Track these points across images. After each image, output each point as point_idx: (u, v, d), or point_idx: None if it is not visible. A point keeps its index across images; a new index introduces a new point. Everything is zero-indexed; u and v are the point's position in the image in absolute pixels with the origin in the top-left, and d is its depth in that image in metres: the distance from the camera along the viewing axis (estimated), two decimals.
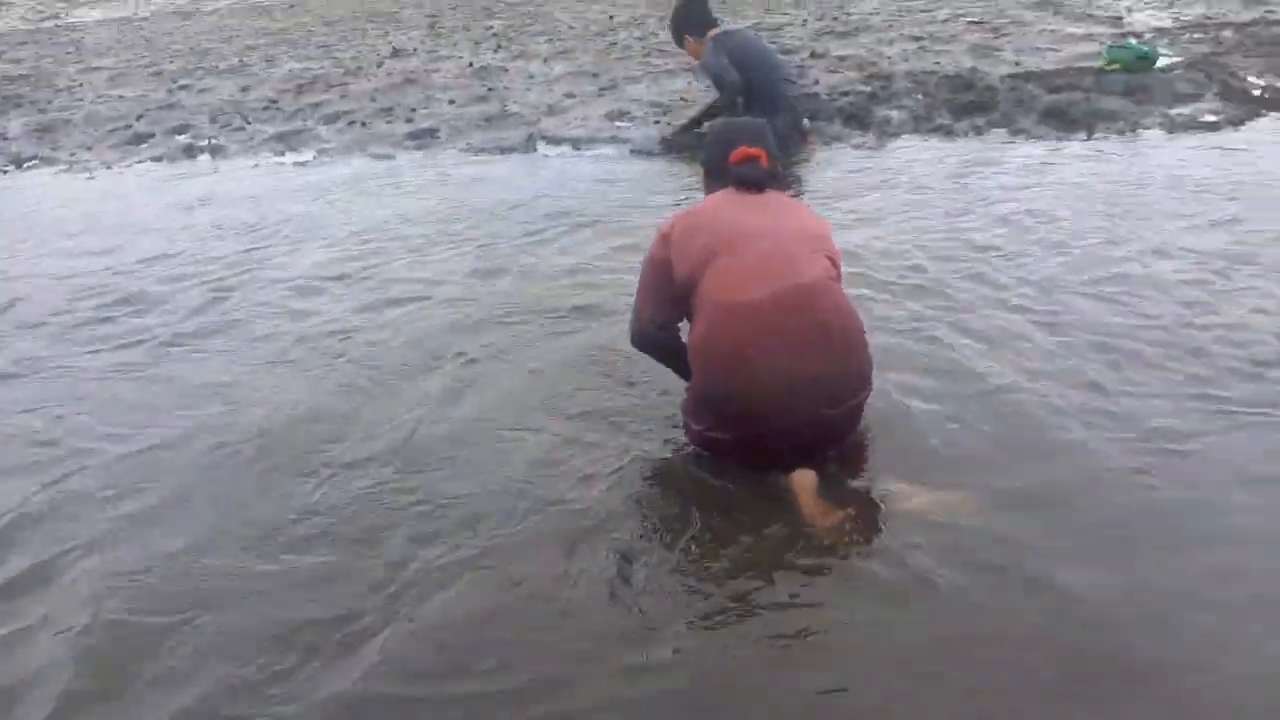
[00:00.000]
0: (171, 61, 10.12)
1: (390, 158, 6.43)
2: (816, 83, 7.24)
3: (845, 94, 6.90)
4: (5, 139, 7.61)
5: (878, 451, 2.74)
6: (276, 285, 4.20)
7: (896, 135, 6.06)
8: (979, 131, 6.06)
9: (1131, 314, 3.38)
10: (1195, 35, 8.13)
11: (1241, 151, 5.23)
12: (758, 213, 2.68)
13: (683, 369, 2.79)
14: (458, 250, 4.49)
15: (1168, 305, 3.41)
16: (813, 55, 8.14)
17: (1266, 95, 6.33)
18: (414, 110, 7.43)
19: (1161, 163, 5.13)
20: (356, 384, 3.23)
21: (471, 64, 8.79)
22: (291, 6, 14.53)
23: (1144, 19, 9.07)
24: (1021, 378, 3.01)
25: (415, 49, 9.70)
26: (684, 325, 2.76)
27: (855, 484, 2.64)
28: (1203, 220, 4.24)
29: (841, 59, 7.99)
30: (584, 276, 4.06)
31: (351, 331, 3.66)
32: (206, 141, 7.09)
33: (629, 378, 3.15)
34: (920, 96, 6.77)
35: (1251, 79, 6.71)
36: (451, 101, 7.60)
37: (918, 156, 5.58)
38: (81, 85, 9.27)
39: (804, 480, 2.64)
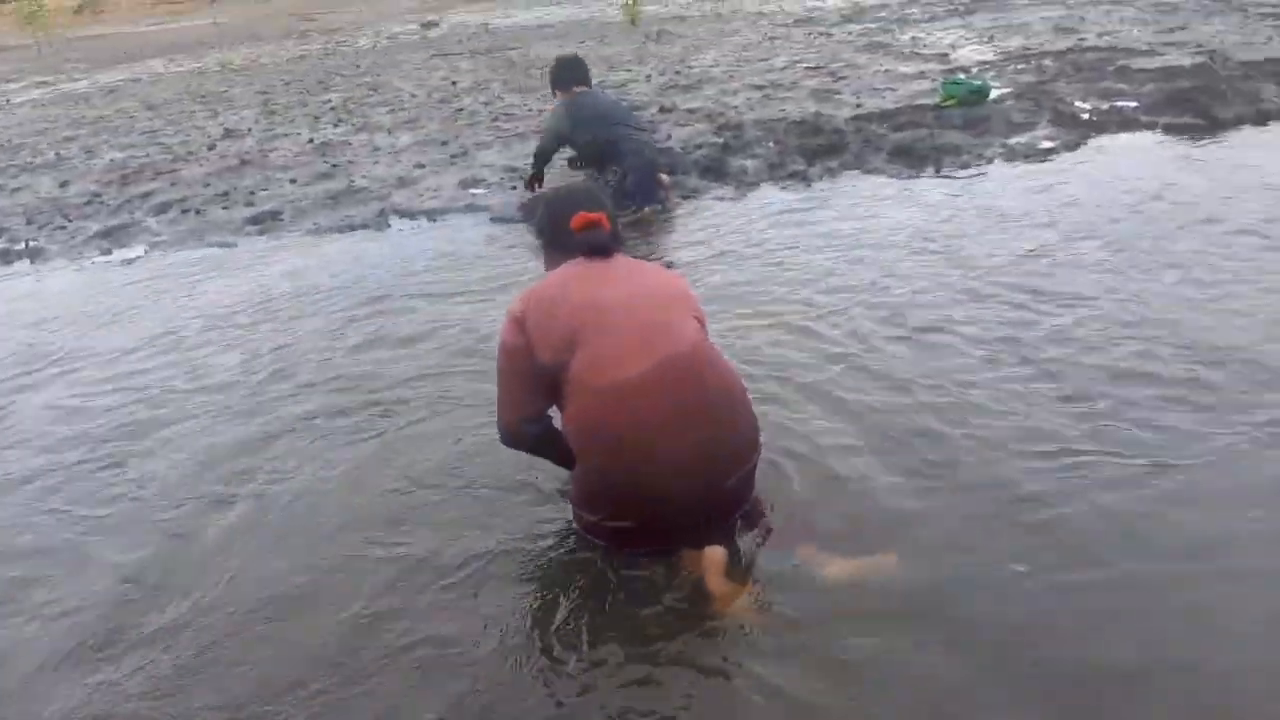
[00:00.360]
0: None
1: (230, 246, 6.01)
2: (669, 137, 7.22)
3: (699, 146, 6.91)
4: None
5: (781, 517, 2.64)
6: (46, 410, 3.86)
7: (755, 185, 6.07)
8: (833, 174, 6.14)
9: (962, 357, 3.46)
10: (1019, 66, 8.56)
11: (1067, 181, 5.46)
12: (614, 281, 2.52)
13: (563, 458, 2.59)
14: (285, 341, 4.23)
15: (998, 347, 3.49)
16: (661, 110, 8.16)
17: (1094, 118, 6.66)
18: (253, 193, 7.02)
19: (1004, 193, 5.30)
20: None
21: (312, 140, 8.43)
22: (111, 92, 13.75)
23: (968, 54, 9.51)
24: (874, 438, 3.01)
25: (249, 129, 9.26)
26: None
27: (766, 555, 2.52)
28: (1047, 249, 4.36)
29: (690, 111, 8.03)
30: (435, 359, 3.85)
31: (126, 457, 3.40)
32: (24, 244, 6.48)
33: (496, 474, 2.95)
34: (772, 144, 6.83)
35: (1078, 103, 7.06)
36: (293, 181, 7.23)
37: (778, 204, 5.59)
38: None
39: (713, 558, 2.48)
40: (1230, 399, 2.99)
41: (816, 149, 6.55)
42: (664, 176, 5.90)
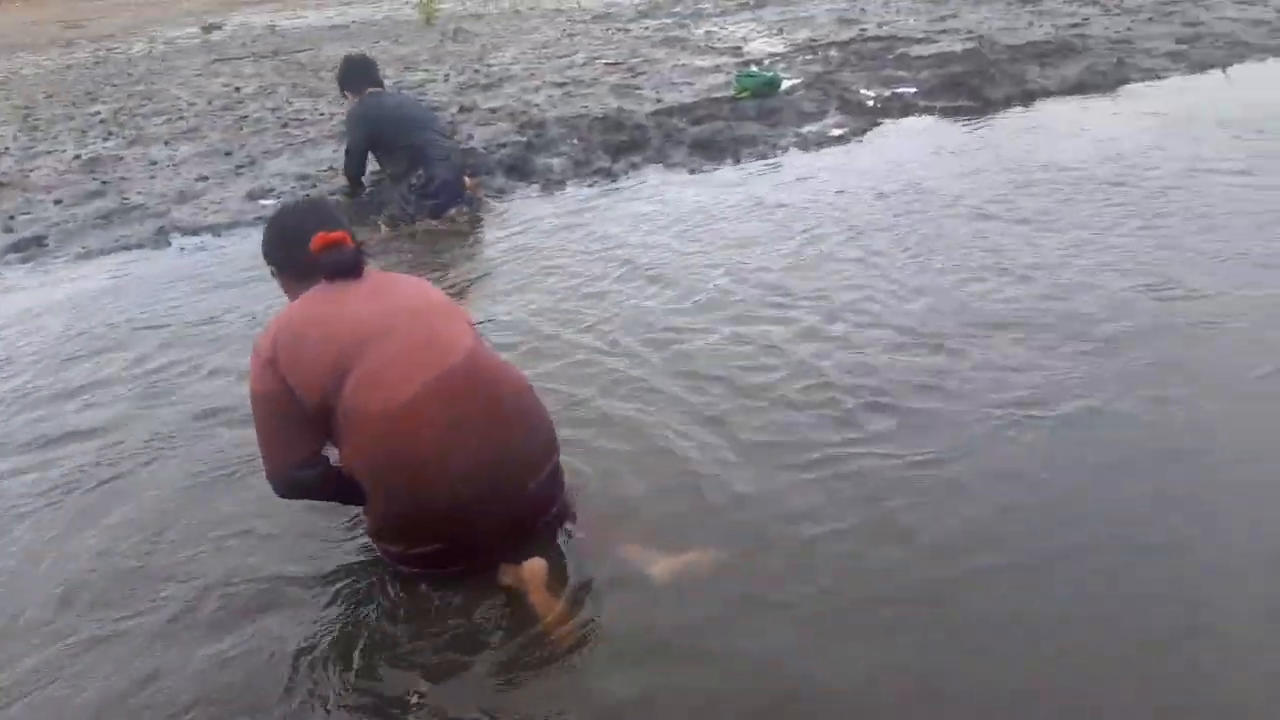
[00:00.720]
0: None
1: None
2: (471, 137, 7.05)
3: (503, 145, 6.78)
4: None
5: (600, 515, 2.59)
6: None
7: (561, 183, 6.00)
8: (636, 169, 6.15)
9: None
10: (807, 57, 8.87)
11: (855, 167, 5.69)
12: (370, 301, 2.34)
13: (349, 496, 2.41)
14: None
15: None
16: (461, 109, 7.96)
17: (879, 105, 6.96)
18: (12, 218, 6.36)
19: (797, 181, 5.46)
20: None
21: (79, 156, 7.73)
22: None
23: (760, 46, 9.78)
24: (670, 424, 3.02)
25: (6, 148, 8.39)
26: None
27: (592, 557, 2.46)
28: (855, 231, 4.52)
29: (492, 111, 7.88)
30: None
31: None
32: None
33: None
34: (576, 141, 6.78)
35: (863, 91, 7.36)
36: (58, 202, 6.60)
37: (582, 201, 5.54)
38: None
39: (534, 571, 2.40)
40: (975, 387, 3.13)
41: (620, 145, 6.55)
42: (467, 179, 5.74)
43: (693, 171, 5.97)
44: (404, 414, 2.22)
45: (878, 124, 6.58)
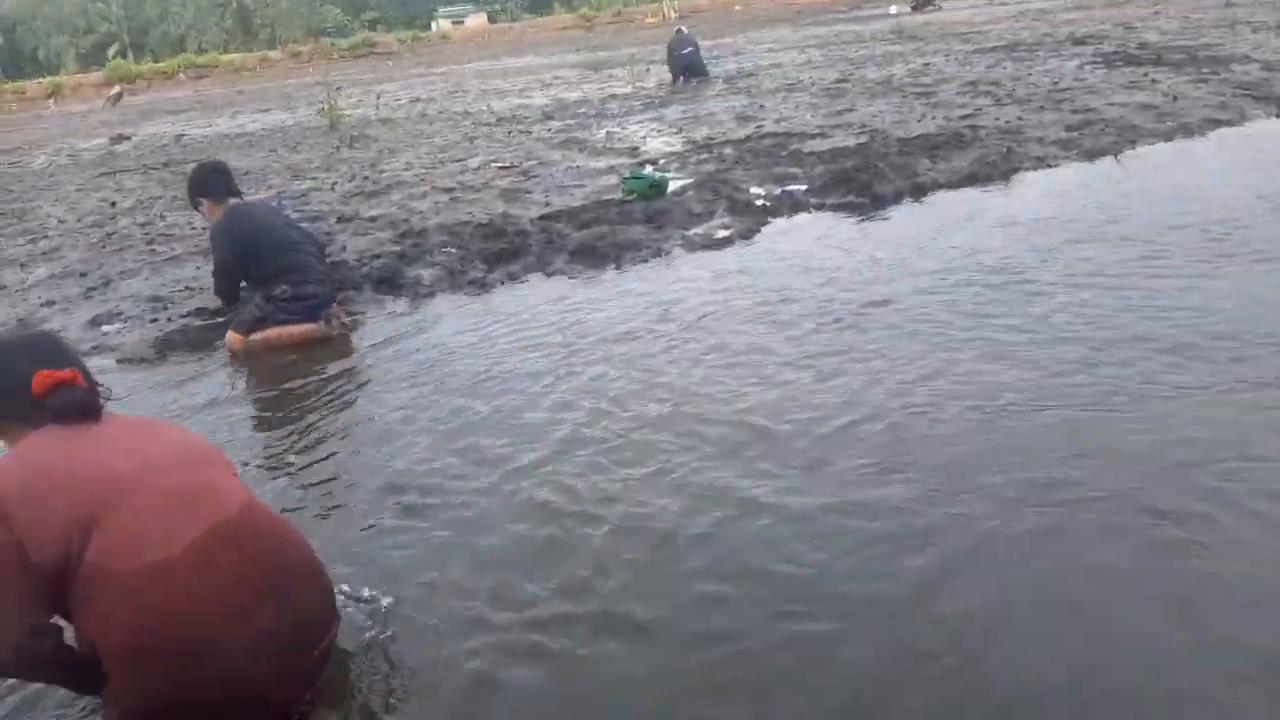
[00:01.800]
0: None
1: None
2: (344, 249, 6.69)
3: (376, 257, 6.42)
4: None
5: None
6: None
7: (430, 295, 5.63)
8: (514, 278, 5.81)
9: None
10: (701, 155, 8.74)
11: (736, 270, 5.42)
12: (116, 445, 2.05)
13: (85, 679, 1.98)
14: None
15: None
16: (340, 220, 7.61)
17: (768, 205, 6.77)
18: None
19: (673, 289, 5.15)
20: None
21: None
22: None
23: (658, 145, 9.66)
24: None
25: None
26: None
27: None
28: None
29: (372, 219, 7.54)
30: None
31: None
32: None
33: None
34: (453, 250, 6.45)
35: (754, 190, 7.19)
36: None
37: (442, 317, 5.17)
38: None
39: None
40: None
41: (499, 252, 6.23)
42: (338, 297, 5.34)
43: (572, 278, 5.65)
44: (169, 574, 1.89)
45: (767, 223, 6.37)
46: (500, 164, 9.47)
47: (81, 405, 2.05)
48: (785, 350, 4.03)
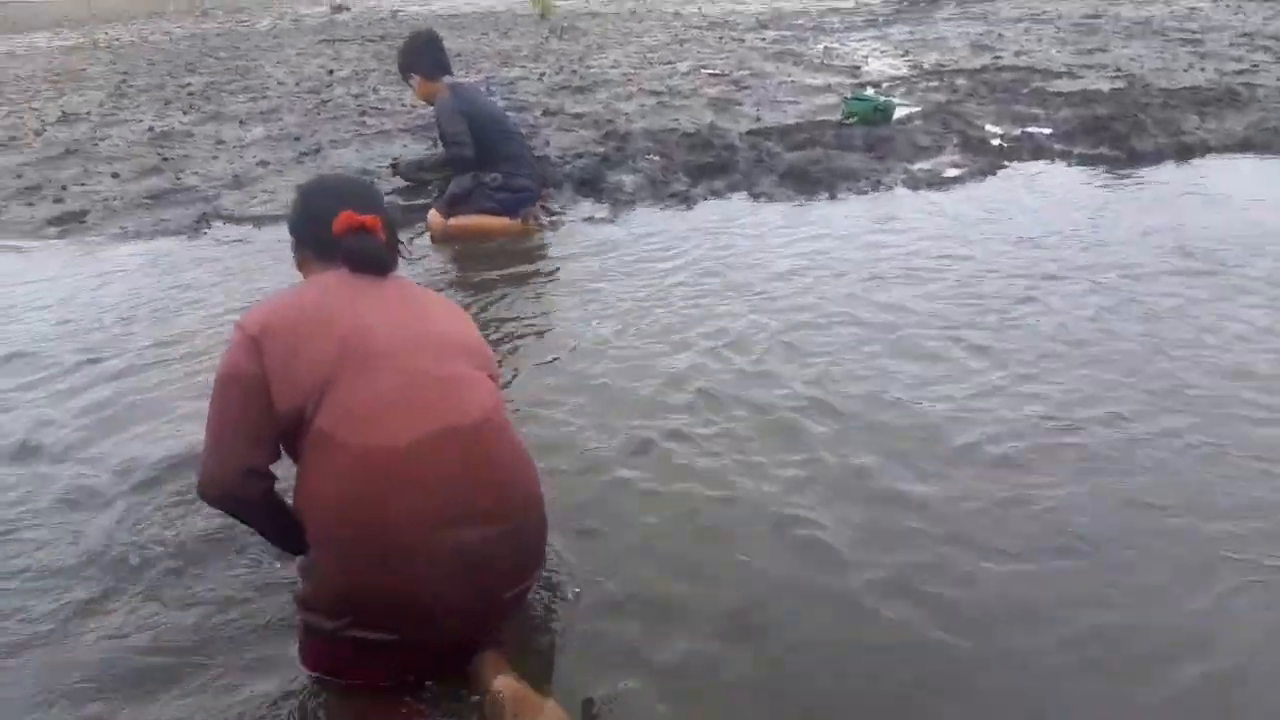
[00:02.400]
0: None
1: (15, 250, 5.12)
2: (548, 144, 6.51)
3: (579, 156, 6.21)
4: None
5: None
6: None
7: (631, 203, 5.39)
8: (717, 195, 5.50)
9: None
10: (930, 83, 8.07)
11: (969, 217, 4.88)
12: (388, 310, 1.91)
13: (285, 535, 1.92)
14: None
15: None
16: (546, 112, 7.43)
17: (1005, 145, 6.14)
18: (65, 188, 6.10)
19: (897, 228, 4.69)
20: None
21: (152, 129, 7.50)
22: None
23: (881, 67, 9.00)
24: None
25: (89, 112, 8.27)
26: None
27: None
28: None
29: (577, 116, 7.33)
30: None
31: None
32: None
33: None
34: (656, 158, 6.16)
35: (989, 127, 6.55)
36: (115, 175, 6.32)
37: (649, 231, 4.90)
38: None
39: (510, 691, 1.82)
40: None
41: (704, 166, 5.90)
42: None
43: (780, 202, 5.28)
44: (387, 463, 1.77)
45: (1002, 166, 5.77)
46: (710, 71, 9.04)
47: (371, 255, 1.95)
48: (1024, 333, 3.55)
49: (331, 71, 9.74)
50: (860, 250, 4.41)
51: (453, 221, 4.85)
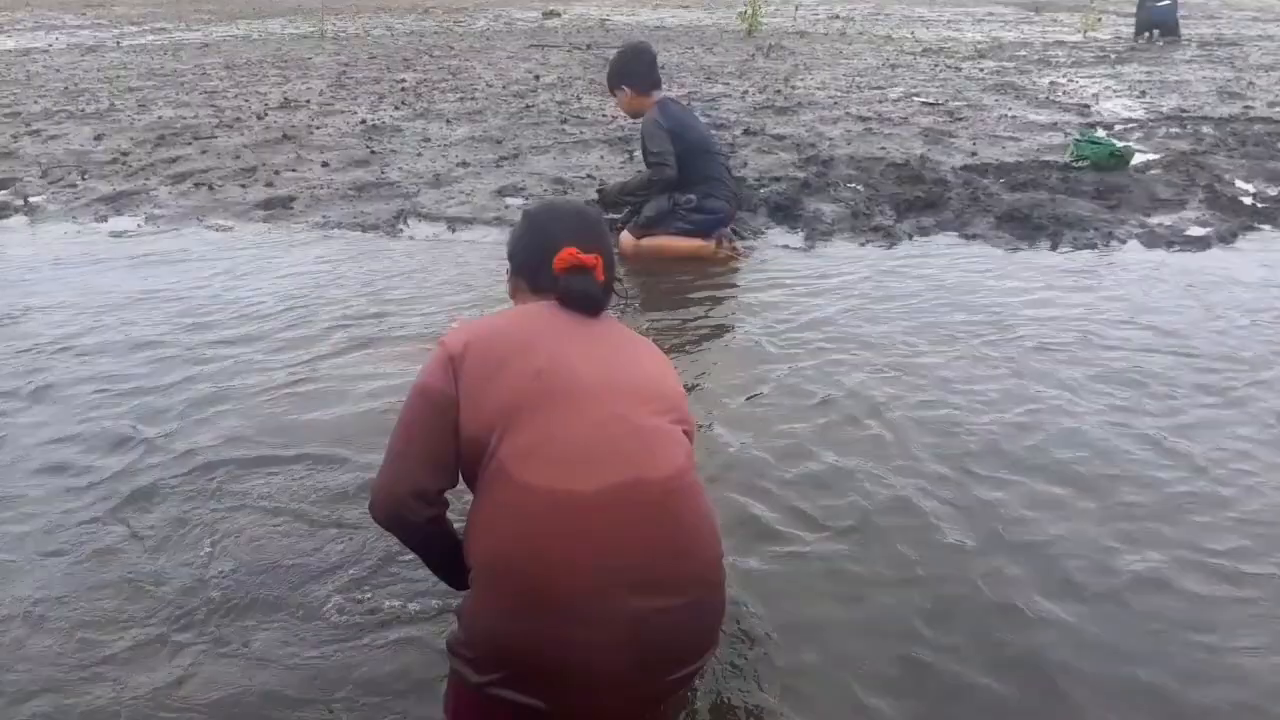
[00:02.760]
0: (38, 101, 8.98)
1: (224, 230, 5.33)
2: (745, 164, 6.29)
3: (776, 179, 5.96)
4: None
5: None
6: None
7: (829, 236, 5.08)
8: (925, 233, 5.11)
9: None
10: (1172, 130, 7.34)
11: (1219, 284, 4.30)
12: (592, 349, 1.80)
13: (451, 571, 1.86)
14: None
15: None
16: (746, 132, 7.21)
17: (1259, 205, 5.46)
18: (278, 173, 6.36)
19: (1132, 292, 4.18)
20: None
21: (364, 121, 7.76)
22: (205, 47, 13.48)
23: (1113, 108, 8.29)
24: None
25: (309, 100, 8.66)
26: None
27: None
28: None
29: (778, 138, 7.07)
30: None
31: None
32: (23, 200, 5.93)
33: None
34: (860, 187, 5.83)
35: (1239, 184, 5.86)
36: (325, 164, 6.54)
37: (845, 265, 4.59)
38: None
39: None
40: None
41: (912, 201, 5.52)
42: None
43: (995, 247, 4.85)
44: (568, 510, 1.63)
45: (1256, 229, 5.11)
46: (924, 99, 8.59)
47: (586, 297, 1.85)
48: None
49: (538, 77, 9.86)
50: (1079, 306, 3.96)
51: (645, 241, 4.70)
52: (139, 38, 15.36)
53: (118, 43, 14.51)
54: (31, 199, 5.98)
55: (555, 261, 1.83)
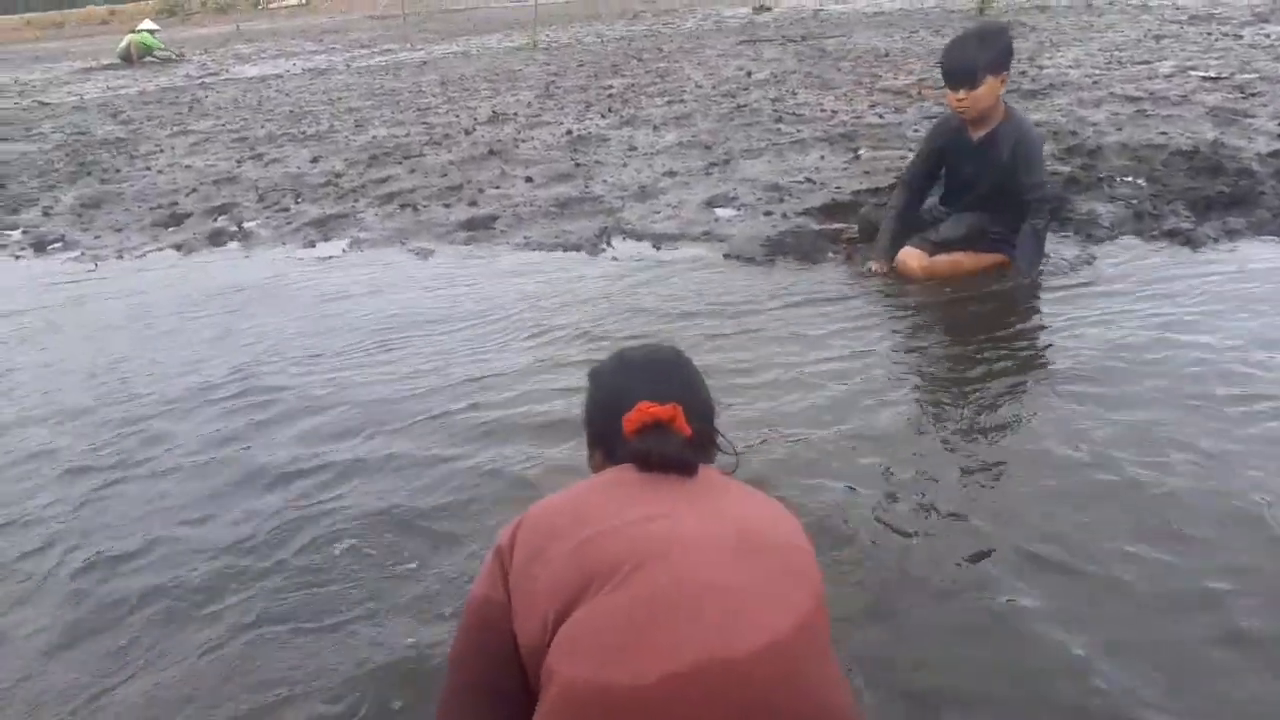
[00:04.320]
0: (263, 126, 9.31)
1: (428, 253, 5.08)
2: None
3: None
4: (48, 214, 6.79)
5: None
6: None
7: (1110, 239, 4.21)
8: (1232, 236, 4.14)
9: None
10: None
11: None
12: (670, 507, 1.36)
13: None
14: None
15: None
16: None
17: None
18: (482, 191, 6.11)
19: None
20: None
21: (570, 132, 7.44)
22: (423, 65, 13.79)
23: None
24: None
25: (516, 113, 8.47)
26: None
27: None
28: None
29: None
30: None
31: None
32: (238, 227, 5.97)
33: None
34: (1142, 182, 4.86)
35: None
36: (529, 180, 6.24)
37: (1148, 278, 3.70)
38: (161, 151, 8.52)
39: None
40: None
41: (1214, 197, 4.52)
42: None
43: None
44: (625, 707, 1.20)
45: None
46: (1204, 73, 7.32)
47: (665, 458, 1.43)
48: None
49: (749, 74, 9.27)
50: None
51: (941, 257, 3.97)
52: (367, 60, 16.00)
53: (347, 66, 15.15)
54: (246, 224, 6.01)
55: (624, 423, 1.48)
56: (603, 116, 7.98)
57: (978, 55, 3.70)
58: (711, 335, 3.52)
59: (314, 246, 5.48)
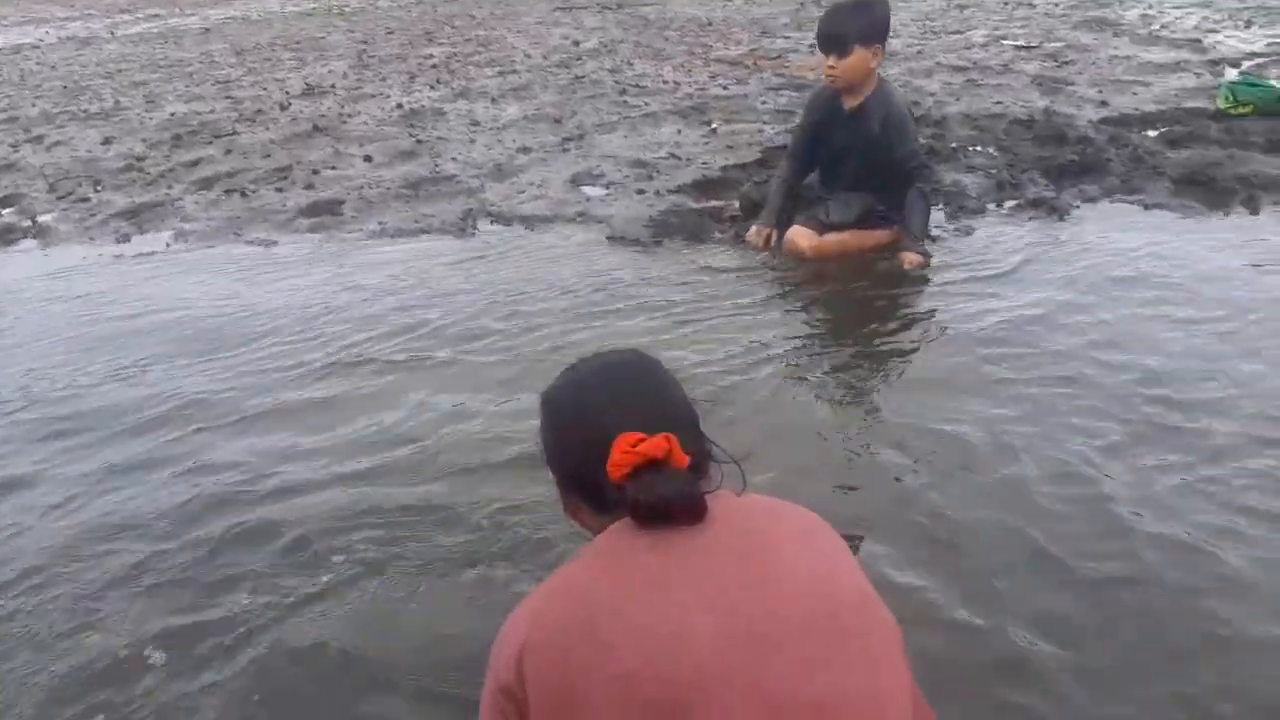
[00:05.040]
0: (35, 103, 8.20)
1: (269, 245, 4.58)
2: None
3: None
4: None
5: None
6: None
7: (980, 212, 4.31)
8: (1089, 201, 4.34)
9: None
10: None
11: None
12: (705, 581, 1.09)
13: None
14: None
15: None
16: None
17: None
18: (316, 172, 5.59)
19: None
20: None
21: (400, 105, 6.96)
22: (205, 33, 12.62)
23: (1229, 42, 7.42)
24: None
25: (333, 85, 7.86)
26: None
27: None
28: None
29: None
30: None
31: None
32: (31, 221, 5.19)
33: None
34: (993, 151, 5.04)
35: None
36: (368, 159, 5.77)
37: (1032, 252, 3.80)
38: None
39: None
40: None
41: (1065, 165, 4.72)
42: None
43: (1184, 218, 4.08)
44: None
45: None
46: (1014, 42, 7.73)
47: (671, 505, 1.13)
48: None
49: (577, 43, 9.01)
50: None
51: (830, 237, 3.90)
52: (133, 26, 14.50)
53: (112, 33, 13.66)
54: (40, 218, 5.25)
55: (610, 469, 1.15)
56: (431, 88, 7.52)
57: (849, 25, 3.68)
58: (632, 333, 3.32)
59: (129, 241, 4.84)
